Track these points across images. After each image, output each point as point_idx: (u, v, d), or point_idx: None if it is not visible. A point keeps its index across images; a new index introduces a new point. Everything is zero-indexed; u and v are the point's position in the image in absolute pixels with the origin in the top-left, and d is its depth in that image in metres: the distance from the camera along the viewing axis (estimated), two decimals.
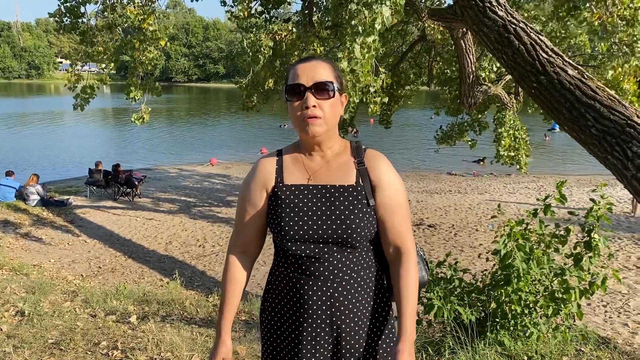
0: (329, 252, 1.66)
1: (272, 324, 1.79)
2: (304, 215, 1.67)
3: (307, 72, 1.66)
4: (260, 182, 1.76)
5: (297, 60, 1.76)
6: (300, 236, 1.66)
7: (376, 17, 5.71)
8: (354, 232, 1.65)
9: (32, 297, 5.58)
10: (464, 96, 9.34)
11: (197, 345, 4.08)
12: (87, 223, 13.04)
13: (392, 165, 1.78)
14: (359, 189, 1.70)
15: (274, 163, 1.78)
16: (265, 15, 10.52)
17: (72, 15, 8.76)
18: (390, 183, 1.73)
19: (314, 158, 1.76)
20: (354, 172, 1.73)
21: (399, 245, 1.73)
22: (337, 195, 1.70)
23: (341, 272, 1.67)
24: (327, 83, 1.65)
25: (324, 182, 1.73)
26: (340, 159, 1.76)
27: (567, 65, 4.30)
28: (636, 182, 3.74)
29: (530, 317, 3.59)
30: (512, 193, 17.10)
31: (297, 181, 1.74)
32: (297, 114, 1.66)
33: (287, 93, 1.68)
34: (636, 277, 9.04)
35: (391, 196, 1.72)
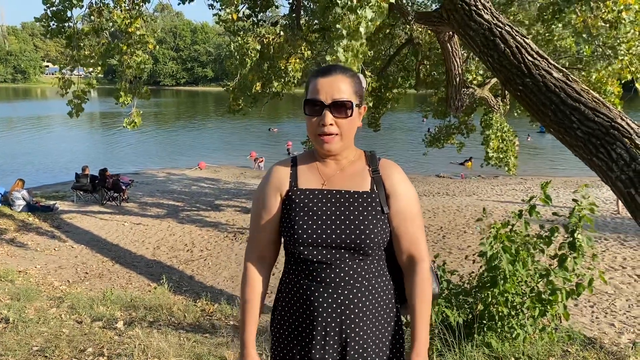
0: (340, 259, 1.66)
1: (282, 332, 1.77)
2: (317, 219, 1.67)
3: (327, 88, 1.65)
4: (274, 187, 1.76)
5: (317, 71, 1.73)
6: (313, 240, 1.65)
7: (360, 21, 5.71)
8: (367, 238, 1.65)
9: (17, 303, 5.52)
10: (451, 99, 9.39)
11: (185, 351, 4.05)
12: (74, 228, 12.92)
13: (406, 175, 1.79)
14: (374, 196, 1.71)
15: (288, 168, 1.79)
16: (253, 19, 10.51)
17: (59, 20, 8.68)
18: (405, 192, 1.75)
19: (329, 164, 1.77)
20: (368, 180, 1.74)
21: (413, 254, 1.74)
22: (352, 201, 1.70)
23: (352, 280, 1.66)
24: (346, 102, 1.65)
25: (339, 187, 1.73)
26: (354, 167, 1.77)
27: (552, 67, 4.34)
28: (621, 183, 3.77)
29: (517, 318, 3.61)
30: (499, 195, 17.20)
31: (311, 186, 1.74)
32: (314, 130, 1.68)
33: (305, 107, 1.68)
34: (622, 277, 9.12)
35: (406, 205, 1.73)
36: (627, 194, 3.75)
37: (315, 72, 1.74)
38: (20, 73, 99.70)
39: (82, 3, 8.48)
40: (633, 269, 9.56)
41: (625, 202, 3.84)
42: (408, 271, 1.75)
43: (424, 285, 1.71)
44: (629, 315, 7.56)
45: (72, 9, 8.50)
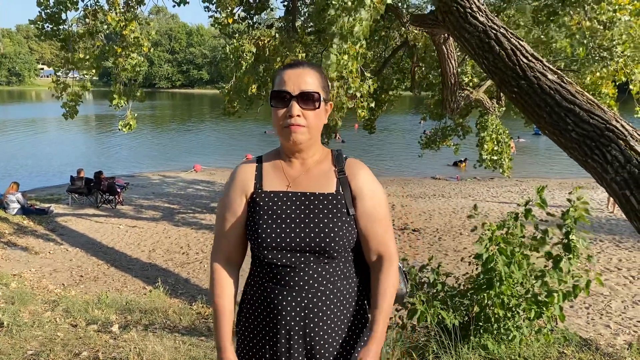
0: (305, 262, 1.63)
1: (247, 334, 1.74)
2: (281, 223, 1.64)
3: (294, 79, 1.63)
4: (239, 189, 1.73)
5: (285, 65, 1.73)
6: (277, 244, 1.62)
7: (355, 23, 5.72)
8: (332, 241, 1.62)
9: (11, 307, 5.48)
10: (446, 101, 9.40)
11: (180, 354, 4.03)
12: (69, 231, 12.87)
13: (373, 174, 1.76)
14: (339, 197, 1.68)
15: (253, 169, 1.75)
16: (248, 21, 10.51)
17: (53, 22, 8.66)
18: (371, 192, 1.72)
19: (294, 165, 1.73)
20: (334, 181, 1.71)
21: (382, 254, 1.72)
22: (317, 203, 1.67)
23: (317, 283, 1.64)
24: (313, 93, 1.63)
25: (304, 189, 1.70)
26: (320, 167, 1.74)
27: (547, 69, 4.35)
28: (615, 185, 3.78)
29: (513, 320, 3.61)
30: (495, 197, 17.24)
31: (276, 188, 1.71)
32: (281, 121, 1.64)
33: (272, 99, 1.66)
34: (617, 278, 9.15)
35: (373, 205, 1.71)
36: (622, 196, 3.76)
37: (283, 66, 1.74)
38: (15, 75, 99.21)
39: (77, 6, 8.47)
40: (628, 270, 9.59)
41: (620, 204, 3.85)
42: (375, 269, 1.73)
43: (388, 283, 1.68)
44: (625, 316, 7.58)
45: (67, 12, 8.48)
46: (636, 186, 3.64)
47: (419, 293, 3.76)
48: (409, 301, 3.83)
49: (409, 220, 14.14)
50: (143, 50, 8.98)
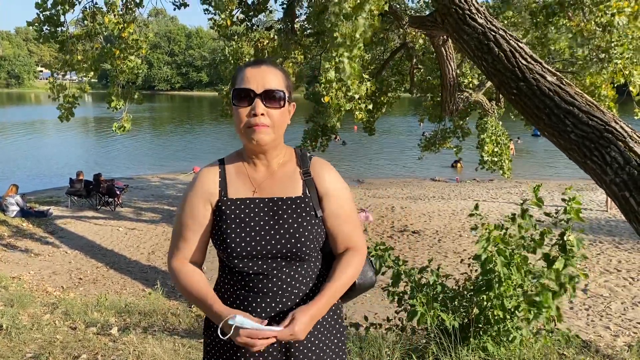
0: (277, 268, 1.61)
1: (217, 342, 1.68)
2: (251, 231, 1.61)
3: (258, 77, 1.60)
4: (203, 196, 1.68)
5: (246, 63, 1.69)
6: (247, 253, 1.59)
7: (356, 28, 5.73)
8: (303, 245, 1.61)
9: (10, 310, 5.48)
10: (446, 103, 9.41)
11: (179, 357, 4.02)
12: (68, 234, 12.86)
13: (338, 173, 1.76)
14: (307, 200, 1.67)
15: (216, 175, 1.70)
16: (247, 23, 10.52)
17: (51, 24, 8.66)
18: (338, 192, 1.71)
19: (259, 169, 1.70)
20: (300, 183, 1.69)
21: (349, 248, 1.73)
22: (285, 207, 1.65)
23: (290, 287, 1.62)
24: (277, 91, 1.60)
25: (270, 194, 1.67)
26: (285, 169, 1.71)
27: (546, 71, 4.35)
28: (615, 186, 3.78)
29: (513, 321, 3.60)
30: (494, 198, 17.23)
31: (242, 194, 1.67)
32: (244, 120, 1.59)
33: (234, 97, 1.61)
34: (617, 280, 9.14)
35: (340, 206, 1.71)
36: (621, 197, 3.76)
37: (244, 64, 1.68)
38: (14, 78, 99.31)
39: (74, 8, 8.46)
40: (628, 271, 9.59)
41: (619, 205, 3.85)
42: (340, 255, 1.73)
43: (349, 261, 1.69)
44: (625, 318, 7.57)
45: (65, 14, 8.48)
46: (635, 187, 3.64)
47: (418, 295, 3.76)
48: (408, 303, 3.83)
49: (408, 222, 14.14)
50: (141, 52, 8.98)
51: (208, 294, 1.62)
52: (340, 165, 23.91)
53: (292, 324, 1.51)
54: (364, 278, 1.80)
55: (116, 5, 8.67)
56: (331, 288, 1.63)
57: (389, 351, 3.70)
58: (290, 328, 1.51)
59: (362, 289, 1.82)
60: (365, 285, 1.81)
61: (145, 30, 9.38)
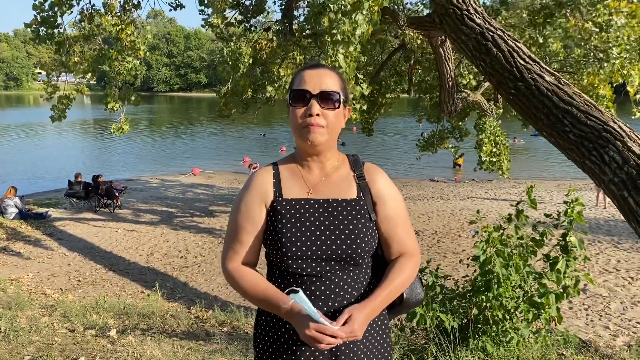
0: (331, 271, 1.59)
1: (267, 348, 1.67)
2: (306, 231, 1.60)
3: (315, 79, 1.61)
4: (258, 197, 1.67)
5: (304, 66, 1.72)
6: (302, 253, 1.58)
7: (356, 26, 5.73)
8: (358, 247, 1.60)
9: (8, 312, 5.46)
10: (444, 103, 9.42)
11: (178, 359, 4.02)
12: (67, 236, 12.84)
13: (390, 179, 1.76)
14: (361, 203, 1.67)
15: (271, 176, 1.70)
16: (245, 24, 10.52)
17: (48, 26, 8.65)
18: (391, 196, 1.72)
19: (313, 171, 1.70)
20: (354, 186, 1.69)
21: (403, 252, 1.72)
22: (340, 209, 1.64)
23: (342, 290, 1.60)
24: (333, 93, 1.61)
25: (325, 195, 1.67)
26: (339, 173, 1.71)
27: (544, 71, 4.35)
28: (613, 186, 3.77)
29: (512, 322, 3.60)
30: (493, 198, 17.24)
31: (296, 195, 1.66)
32: (300, 120, 1.61)
33: (291, 98, 1.63)
34: (616, 280, 9.14)
35: (394, 210, 1.71)
36: (619, 197, 3.75)
37: (302, 67, 1.71)
38: (12, 80, 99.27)
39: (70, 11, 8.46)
40: (627, 271, 9.58)
41: (618, 205, 3.85)
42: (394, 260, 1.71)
43: (404, 264, 1.67)
44: (624, 317, 7.57)
45: (63, 15, 8.47)
46: (634, 187, 3.64)
47: None
48: None
49: None
50: (139, 54, 8.98)
51: (275, 292, 1.59)
52: None
53: (351, 322, 1.49)
54: (413, 293, 1.76)
55: (114, 7, 8.68)
56: (386, 288, 1.62)
57: None
58: (349, 326, 1.48)
59: (411, 305, 1.78)
60: (413, 301, 1.78)
61: (143, 32, 9.38)
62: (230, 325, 5.97)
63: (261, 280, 1.64)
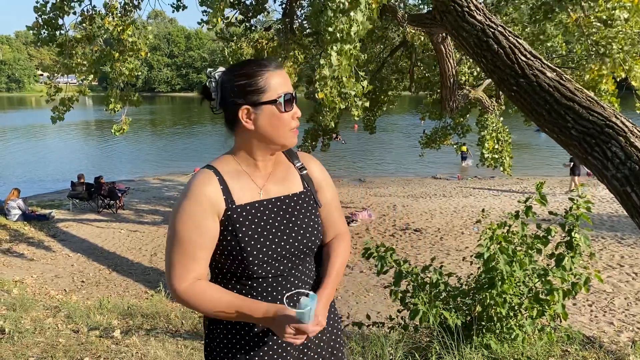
0: (293, 267, 1.59)
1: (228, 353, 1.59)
2: (267, 234, 1.56)
3: (287, 79, 1.57)
4: (208, 208, 1.52)
5: (263, 63, 1.57)
6: (267, 256, 1.53)
7: (353, 24, 5.72)
8: (316, 238, 1.63)
9: (12, 314, 5.48)
10: (445, 100, 9.40)
11: (182, 359, 4.02)
12: (70, 237, 12.86)
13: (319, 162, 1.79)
14: (309, 194, 1.68)
15: (216, 183, 1.55)
16: (246, 24, 10.50)
17: (50, 27, 8.66)
18: (328, 182, 1.76)
19: (258, 169, 1.63)
20: (298, 178, 1.69)
21: (337, 234, 1.76)
22: (293, 204, 1.64)
23: (302, 283, 1.60)
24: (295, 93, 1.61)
25: (276, 193, 1.63)
26: (281, 167, 1.69)
27: (546, 67, 4.34)
28: (616, 181, 3.76)
29: (516, 319, 3.59)
30: (496, 195, 17.21)
31: (249, 199, 1.58)
32: (290, 124, 1.56)
33: (287, 102, 1.54)
34: (620, 275, 9.12)
35: (331, 194, 1.75)
36: (622, 192, 3.74)
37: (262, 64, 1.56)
38: (14, 82, 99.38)
39: (73, 10, 8.47)
40: (631, 267, 9.57)
41: (621, 200, 3.84)
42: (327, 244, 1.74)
43: (340, 246, 1.72)
44: (628, 313, 7.55)
45: (64, 17, 8.48)
46: (637, 183, 3.63)
47: (420, 294, 3.75)
48: (411, 301, 3.82)
49: (410, 220, 14.12)
50: (141, 55, 8.98)
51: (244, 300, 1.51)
52: (341, 164, 23.91)
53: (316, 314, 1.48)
54: None
55: (115, 8, 8.68)
56: (332, 274, 1.65)
57: (391, 350, 3.70)
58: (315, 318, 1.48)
59: None
60: None
61: (144, 33, 9.38)
62: None
63: (223, 292, 1.54)
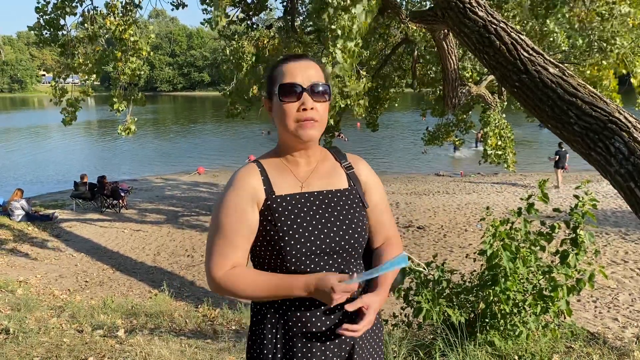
0: (333, 264, 1.55)
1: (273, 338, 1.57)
2: (307, 226, 1.54)
3: (302, 71, 1.55)
4: (248, 197, 1.55)
5: (286, 57, 1.62)
6: (307, 249, 1.51)
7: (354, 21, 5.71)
8: (360, 236, 1.59)
9: (17, 314, 5.49)
10: (448, 97, 9.38)
11: (186, 358, 4.02)
12: (74, 237, 12.89)
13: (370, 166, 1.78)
14: (354, 192, 1.66)
15: (257, 174, 1.59)
16: (247, 22, 10.50)
17: (52, 28, 8.68)
18: (376, 184, 1.74)
19: (300, 165, 1.63)
20: (344, 176, 1.68)
21: (388, 238, 1.74)
22: (336, 200, 1.61)
23: None
24: (323, 85, 1.56)
25: (319, 188, 1.61)
26: (325, 164, 1.68)
27: (548, 63, 4.32)
28: (619, 177, 3.75)
29: (520, 316, 3.58)
30: (499, 192, 17.18)
31: (289, 190, 1.58)
32: (293, 116, 1.53)
33: (281, 93, 1.54)
34: (624, 271, 9.10)
35: (381, 197, 1.73)
36: (626, 188, 3.73)
37: (282, 59, 1.62)
38: (17, 83, 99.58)
39: (75, 11, 8.47)
40: (635, 262, 9.54)
41: (625, 196, 3.82)
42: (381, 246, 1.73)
43: (395, 250, 1.68)
44: (632, 309, 7.54)
45: (66, 17, 8.49)
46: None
47: (424, 291, 3.74)
48: (414, 299, 3.82)
49: (413, 217, 14.11)
50: (142, 54, 8.99)
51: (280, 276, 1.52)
52: None
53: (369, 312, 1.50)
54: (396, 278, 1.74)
55: (116, 7, 8.69)
56: (388, 277, 1.61)
57: (395, 347, 3.69)
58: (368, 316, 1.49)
59: (392, 290, 1.76)
60: (395, 286, 1.77)
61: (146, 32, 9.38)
62: (237, 323, 5.98)
63: (257, 272, 1.56)
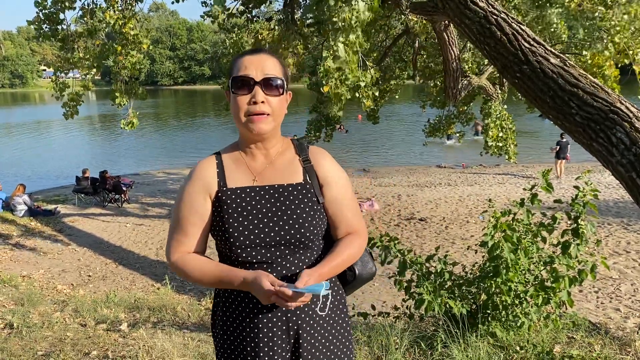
0: (281, 256, 1.60)
1: (226, 338, 1.67)
2: (253, 219, 1.59)
3: (256, 65, 1.59)
4: (202, 188, 1.65)
5: (243, 52, 1.69)
6: (251, 241, 1.58)
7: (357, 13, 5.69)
8: (307, 231, 1.61)
9: (21, 308, 5.52)
10: (449, 88, 9.36)
11: (189, 351, 4.04)
12: (76, 231, 12.93)
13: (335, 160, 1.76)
14: (308, 186, 1.67)
15: (214, 166, 1.68)
16: (247, 15, 10.47)
17: (51, 22, 8.66)
18: (337, 179, 1.72)
19: (257, 158, 1.68)
20: (300, 170, 1.69)
21: (352, 232, 1.73)
22: (287, 194, 1.64)
23: (294, 275, 1.59)
24: (276, 78, 1.60)
25: (271, 182, 1.66)
26: (284, 158, 1.71)
27: (549, 53, 4.30)
28: (621, 167, 3.74)
29: (521, 307, 3.59)
30: (501, 183, 17.17)
31: (241, 183, 1.65)
32: (243, 109, 1.59)
33: (233, 85, 1.60)
34: (626, 262, 9.10)
35: (341, 192, 1.71)
36: (628, 178, 3.72)
37: (241, 53, 1.68)
38: (17, 78, 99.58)
39: (74, 4, 8.45)
40: (637, 253, 9.54)
41: (626, 186, 3.81)
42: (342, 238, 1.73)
43: (351, 241, 1.69)
44: (635, 299, 7.55)
45: (65, 11, 8.47)
46: None
47: (425, 283, 3.75)
48: (415, 291, 3.83)
49: (415, 209, 14.11)
50: (143, 47, 8.97)
51: (225, 267, 1.60)
52: (345, 154, 23.86)
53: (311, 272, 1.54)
54: (364, 268, 1.80)
55: (115, 1, 8.66)
56: (333, 260, 1.63)
57: (397, 339, 3.70)
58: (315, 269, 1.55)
59: (363, 280, 1.81)
60: (366, 276, 1.81)
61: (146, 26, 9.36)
62: None
63: (207, 261, 1.64)
